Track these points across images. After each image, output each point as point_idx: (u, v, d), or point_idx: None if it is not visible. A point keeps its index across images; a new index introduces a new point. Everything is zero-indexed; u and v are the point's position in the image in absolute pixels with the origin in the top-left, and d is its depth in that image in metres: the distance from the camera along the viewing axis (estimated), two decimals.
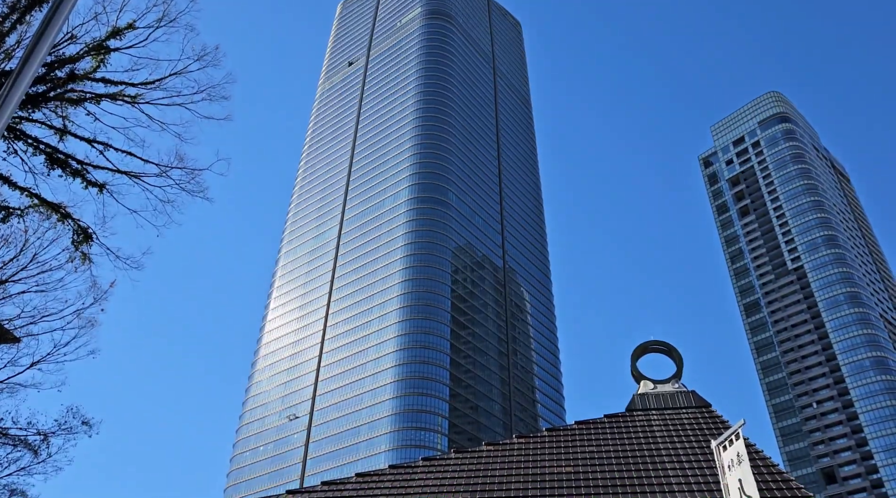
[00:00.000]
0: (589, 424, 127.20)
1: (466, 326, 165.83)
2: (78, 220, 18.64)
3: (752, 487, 15.00)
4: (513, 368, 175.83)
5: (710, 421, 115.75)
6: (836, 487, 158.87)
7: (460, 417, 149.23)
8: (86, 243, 18.68)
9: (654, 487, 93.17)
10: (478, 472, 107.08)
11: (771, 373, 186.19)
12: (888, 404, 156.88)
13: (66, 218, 18.56)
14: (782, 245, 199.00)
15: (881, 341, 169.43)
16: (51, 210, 18.47)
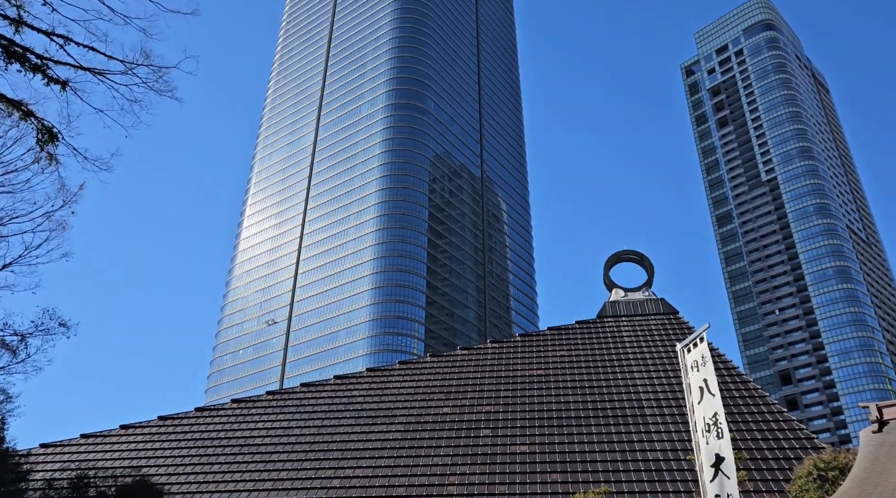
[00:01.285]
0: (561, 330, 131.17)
1: (443, 235, 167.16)
2: (42, 118, 17.99)
3: (715, 387, 15.86)
4: (488, 276, 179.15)
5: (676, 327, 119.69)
6: (790, 387, 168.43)
7: (436, 324, 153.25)
8: (51, 143, 18.12)
9: (620, 389, 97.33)
10: (452, 375, 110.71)
11: (738, 282, 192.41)
12: (846, 311, 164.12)
13: (29, 116, 17.91)
14: (758, 156, 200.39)
15: (845, 251, 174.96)
16: (12, 107, 17.78)
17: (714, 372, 16.40)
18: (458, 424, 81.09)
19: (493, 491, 68.15)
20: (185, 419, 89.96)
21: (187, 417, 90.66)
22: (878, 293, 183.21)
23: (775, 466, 65.53)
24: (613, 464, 71.08)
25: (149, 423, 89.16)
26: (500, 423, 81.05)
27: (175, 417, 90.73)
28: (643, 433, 76.20)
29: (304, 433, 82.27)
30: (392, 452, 75.97)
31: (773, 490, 50.43)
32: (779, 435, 73.13)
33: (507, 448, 75.67)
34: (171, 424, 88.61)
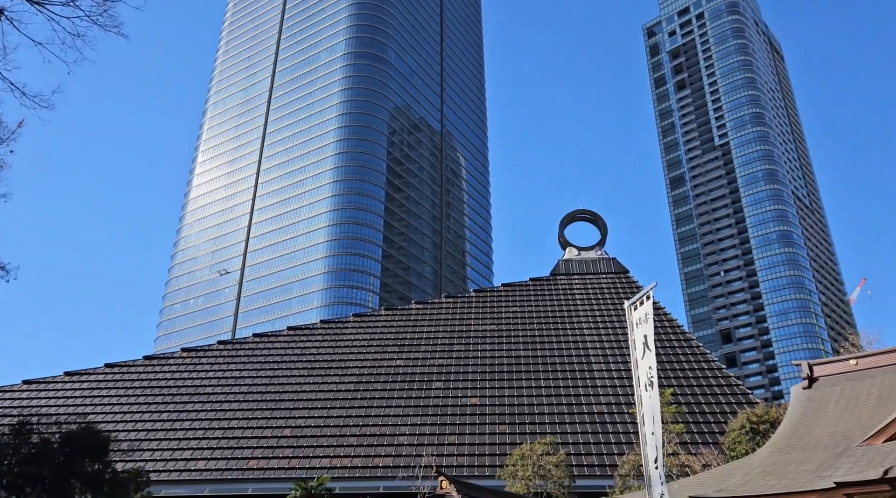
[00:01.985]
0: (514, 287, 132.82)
1: (401, 190, 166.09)
2: None
3: (652, 342, 16.45)
4: (445, 231, 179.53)
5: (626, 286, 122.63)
6: (730, 345, 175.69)
7: (392, 278, 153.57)
8: None
9: (569, 345, 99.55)
10: (407, 328, 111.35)
11: (687, 243, 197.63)
12: (787, 274, 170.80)
13: None
14: (712, 121, 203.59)
15: (789, 217, 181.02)
16: None
17: (653, 328, 16.95)
18: (410, 377, 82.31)
19: (443, 441, 69.86)
20: (133, 367, 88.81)
21: (135, 365, 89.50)
22: (817, 258, 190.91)
23: (712, 419, 68.82)
24: (560, 416, 73.54)
25: (95, 370, 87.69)
26: (452, 376, 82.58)
27: (122, 365, 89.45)
28: (590, 387, 78.81)
29: (256, 383, 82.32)
30: (344, 403, 76.82)
31: (709, 442, 53.06)
32: (717, 391, 76.60)
33: (458, 400, 77.35)
34: (118, 371, 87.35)
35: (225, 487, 62.48)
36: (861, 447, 18.05)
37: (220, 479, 64.51)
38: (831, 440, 19.69)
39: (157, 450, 69.30)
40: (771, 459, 20.21)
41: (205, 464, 66.99)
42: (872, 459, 16.24)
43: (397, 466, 60.70)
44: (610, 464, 58.59)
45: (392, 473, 59.78)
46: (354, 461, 66.08)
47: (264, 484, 62.21)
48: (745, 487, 17.57)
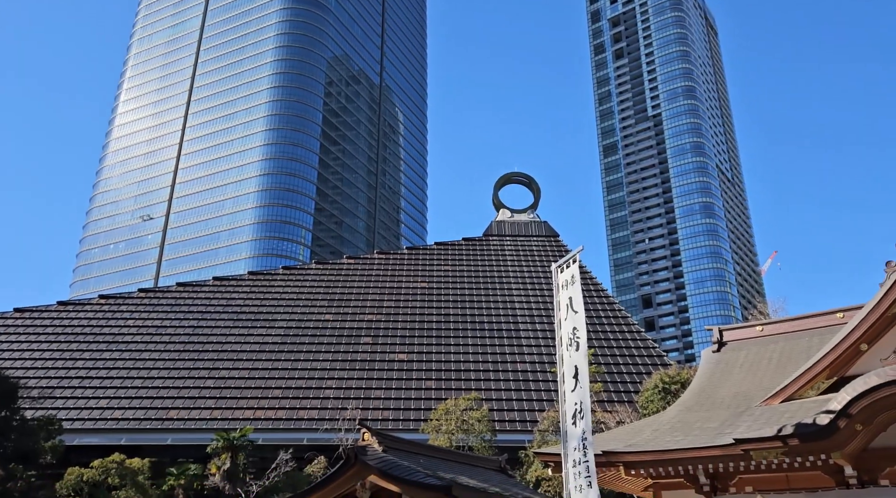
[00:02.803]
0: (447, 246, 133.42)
1: (337, 142, 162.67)
2: None
3: (579, 304, 16.88)
4: (380, 187, 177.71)
5: (556, 249, 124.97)
6: (650, 310, 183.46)
7: (324, 231, 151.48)
8: None
9: (498, 305, 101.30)
10: (337, 282, 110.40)
11: (616, 210, 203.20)
12: (706, 244, 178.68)
13: None
14: (647, 91, 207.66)
15: (712, 189, 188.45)
16: None
17: (580, 291, 17.34)
18: (339, 331, 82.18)
19: (369, 395, 70.50)
20: (46, 313, 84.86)
21: (48, 311, 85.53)
22: (735, 229, 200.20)
23: (628, 379, 72.10)
24: (485, 373, 75.36)
25: (3, 314, 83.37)
26: (381, 332, 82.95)
27: (34, 310, 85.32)
28: (515, 346, 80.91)
29: (179, 333, 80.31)
30: (270, 356, 76.14)
31: (625, 401, 55.62)
32: (634, 352, 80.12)
33: (386, 355, 77.95)
34: (29, 316, 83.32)
35: (142, 437, 61.22)
36: (760, 407, 19.27)
37: (138, 428, 63.14)
38: (734, 400, 20.92)
39: (70, 398, 67.01)
40: (679, 416, 21.33)
41: (122, 413, 65.33)
42: (769, 418, 17.37)
43: (322, 418, 60.92)
44: (531, 420, 60.68)
45: (317, 426, 59.99)
46: (279, 413, 65.93)
47: (184, 434, 61.29)
48: (653, 442, 18.52)
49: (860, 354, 18.42)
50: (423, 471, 11.31)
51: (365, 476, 11.71)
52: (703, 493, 17.50)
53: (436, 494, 10.63)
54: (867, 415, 13.98)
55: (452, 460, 14.23)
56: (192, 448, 54.11)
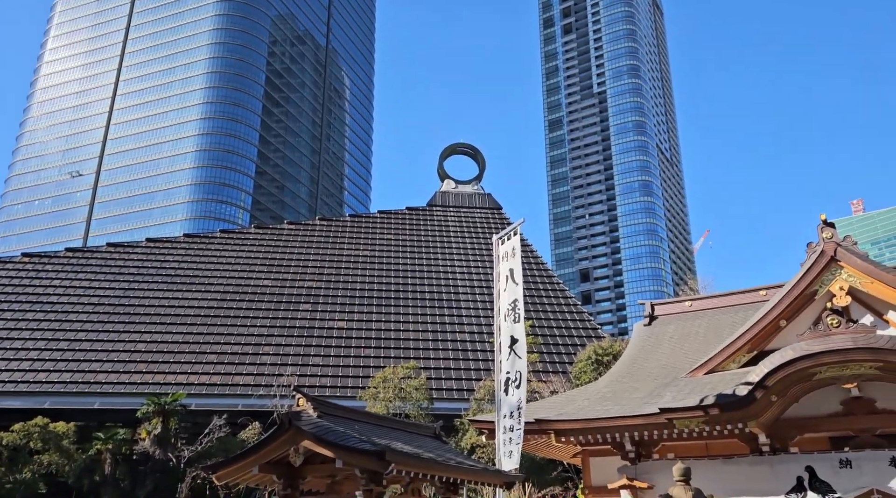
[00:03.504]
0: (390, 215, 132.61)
1: (280, 104, 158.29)
2: None
3: (519, 276, 17.18)
4: (324, 152, 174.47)
5: (499, 221, 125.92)
6: (587, 284, 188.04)
7: (265, 195, 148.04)
8: None
9: (440, 275, 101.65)
10: (277, 248, 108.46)
11: (558, 185, 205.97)
12: (643, 221, 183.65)
13: None
14: (593, 68, 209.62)
15: (651, 168, 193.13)
16: None
17: (520, 263, 17.61)
18: (278, 297, 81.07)
19: (307, 362, 70.13)
20: None
21: None
22: (671, 208, 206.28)
23: (563, 350, 74.03)
24: (424, 342, 75.97)
25: None
26: (320, 298, 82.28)
27: None
28: (455, 316, 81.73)
29: (108, 295, 77.59)
30: (206, 320, 74.55)
31: (559, 371, 57.11)
32: (570, 325, 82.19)
33: (325, 323, 77.49)
34: None
35: (68, 401, 59.22)
36: (685, 379, 20.12)
37: (64, 391, 61.01)
38: (662, 372, 21.77)
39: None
40: (609, 387, 22.07)
41: (46, 376, 62.97)
42: (693, 389, 18.17)
43: (258, 384, 60.31)
44: (468, 389, 61.68)
45: (252, 392, 59.41)
46: (213, 379, 64.88)
47: (113, 398, 59.66)
48: (583, 411, 19.12)
49: (779, 329, 19.40)
50: (357, 436, 11.35)
51: (298, 441, 11.67)
52: (628, 459, 18.24)
53: (369, 458, 10.70)
54: (782, 386, 14.79)
55: (388, 427, 14.34)
56: (121, 413, 52.76)
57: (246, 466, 12.36)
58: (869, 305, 18.83)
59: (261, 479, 12.93)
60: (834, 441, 16.23)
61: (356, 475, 11.46)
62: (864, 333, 14.18)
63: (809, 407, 15.77)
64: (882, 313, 18.69)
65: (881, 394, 15.24)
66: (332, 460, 11.30)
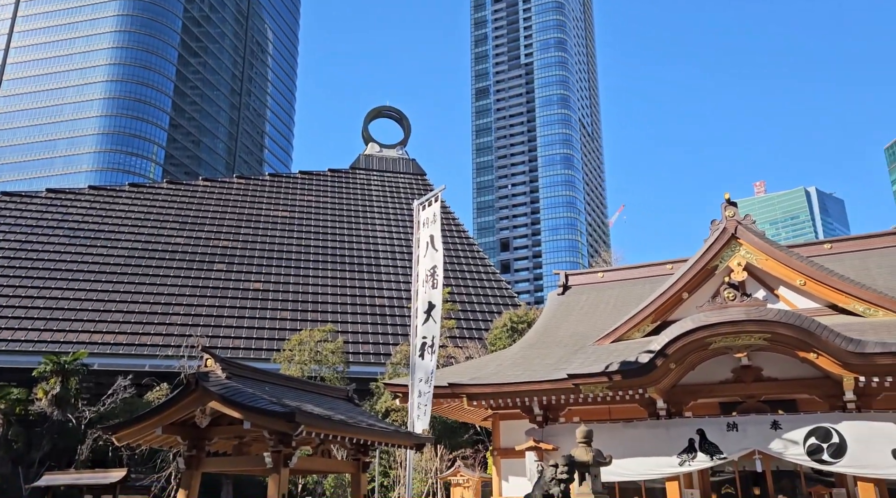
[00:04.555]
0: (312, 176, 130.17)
1: (198, 54, 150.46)
2: None
3: (439, 242, 17.26)
4: (244, 108, 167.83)
5: (422, 187, 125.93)
6: (507, 253, 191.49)
7: (179, 150, 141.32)
8: None
9: (360, 239, 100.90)
10: (191, 204, 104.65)
11: (483, 154, 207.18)
12: (563, 194, 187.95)
13: None
14: (521, 38, 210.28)
15: (573, 141, 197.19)
16: None
17: (440, 230, 17.68)
18: (191, 256, 78.24)
19: (220, 323, 68.38)
20: None
21: None
22: (590, 181, 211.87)
23: (481, 317, 75.43)
24: (343, 306, 75.53)
25: None
26: (236, 259, 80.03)
27: None
28: (374, 281, 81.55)
29: (4, 247, 72.69)
30: (112, 277, 71.17)
31: (475, 337, 58.18)
32: (489, 292, 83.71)
33: (240, 284, 75.58)
34: None
35: None
36: (593, 346, 20.95)
37: None
38: (572, 339, 22.57)
39: None
40: (521, 353, 22.70)
41: None
42: (600, 356, 18.95)
43: (167, 345, 58.32)
44: (385, 353, 62.00)
45: (160, 352, 57.45)
46: (119, 338, 62.29)
47: (7, 357, 56.26)
48: (496, 375, 19.61)
49: (682, 301, 20.46)
50: (267, 398, 11.19)
51: (205, 402, 11.39)
52: (536, 422, 18.91)
53: (279, 420, 10.58)
54: (680, 355, 15.65)
55: (299, 389, 14.21)
56: (16, 371, 49.81)
57: (149, 427, 11.99)
58: (763, 281, 20.12)
59: (164, 440, 12.58)
60: (724, 406, 17.38)
61: (265, 437, 11.33)
62: (756, 306, 15.14)
63: (703, 374, 16.79)
64: (774, 288, 20.01)
65: (767, 363, 16.40)
66: (240, 422, 11.12)
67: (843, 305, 18.52)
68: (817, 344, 14.33)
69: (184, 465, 12.32)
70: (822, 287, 18.75)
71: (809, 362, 14.86)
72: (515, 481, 19.91)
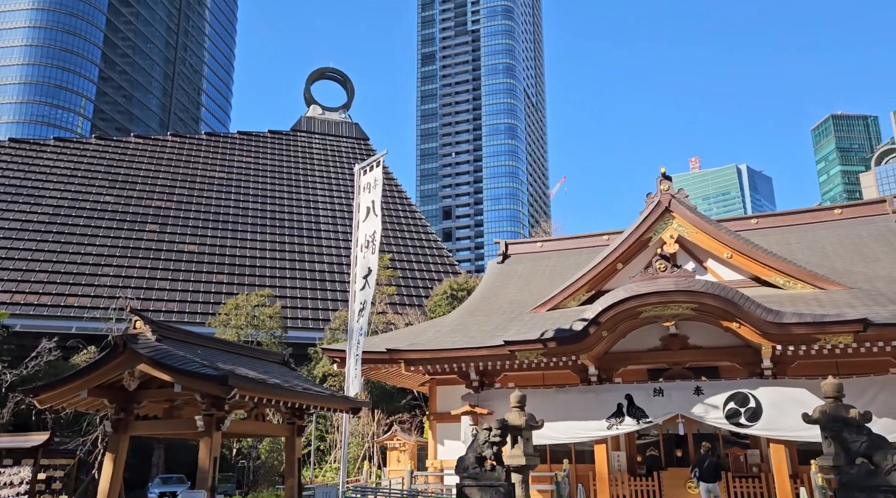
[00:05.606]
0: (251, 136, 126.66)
1: (130, 4, 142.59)
2: None
3: (379, 208, 17.14)
4: (180, 63, 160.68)
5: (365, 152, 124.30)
6: (449, 221, 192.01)
7: (109, 104, 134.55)
8: None
9: (301, 201, 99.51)
10: (122, 161, 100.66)
11: (428, 121, 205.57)
12: (506, 164, 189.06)
13: None
14: (469, 4, 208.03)
15: (517, 112, 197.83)
16: None
17: (381, 195, 17.56)
18: (121, 215, 75.25)
19: (153, 285, 66.36)
20: None
21: None
22: (533, 152, 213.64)
23: (421, 285, 75.69)
24: (282, 271, 74.38)
25: None
26: (170, 219, 77.42)
27: None
28: (315, 246, 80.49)
29: None
30: (36, 235, 67.89)
31: (416, 304, 58.48)
32: (430, 260, 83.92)
33: (174, 245, 73.29)
34: None
35: None
36: (530, 314, 21.36)
37: None
38: (510, 307, 22.94)
39: None
40: (460, 320, 22.96)
41: None
42: (536, 324, 19.35)
43: (95, 307, 56.29)
44: (324, 318, 61.58)
45: (88, 314, 55.41)
46: (43, 299, 59.68)
47: None
48: (434, 341, 19.79)
49: (616, 272, 21.03)
50: (199, 361, 10.96)
51: (134, 365, 11.08)
52: (472, 388, 19.25)
53: (211, 383, 10.40)
54: (612, 323, 16.14)
55: (234, 352, 13.99)
56: None
57: (73, 390, 11.59)
58: (693, 253, 20.87)
59: (91, 404, 12.20)
60: (651, 373, 18.10)
61: (197, 400, 11.13)
62: (685, 277, 15.71)
63: (633, 342, 17.40)
64: (703, 261, 20.79)
65: (693, 332, 17.12)
66: (171, 385, 10.87)
67: (765, 278, 19.44)
68: (740, 314, 15.01)
69: (111, 428, 12.01)
70: (747, 260, 19.61)
71: (732, 331, 15.58)
72: (450, 445, 20.30)
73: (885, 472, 7.56)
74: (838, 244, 22.05)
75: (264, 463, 36.19)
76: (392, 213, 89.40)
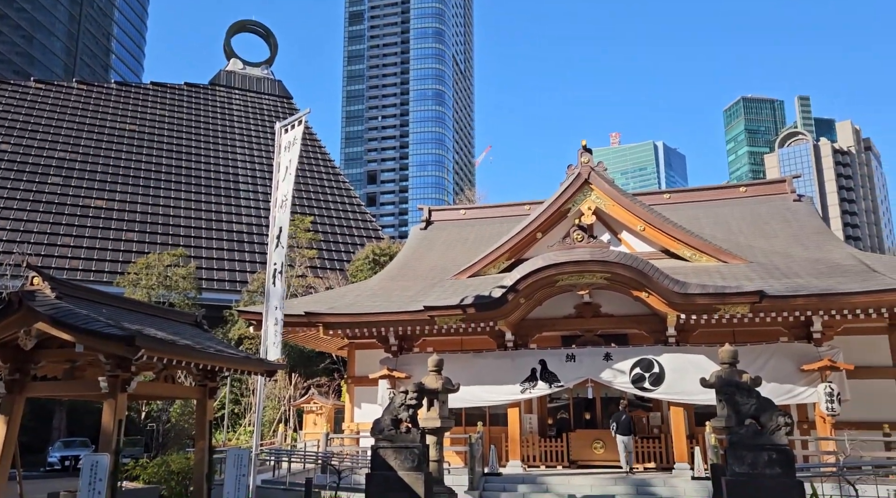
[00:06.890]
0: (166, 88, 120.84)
1: None
2: None
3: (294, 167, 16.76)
4: (87, 4, 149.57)
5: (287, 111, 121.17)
6: (374, 186, 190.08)
7: (6, 44, 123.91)
8: None
9: (218, 159, 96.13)
10: (21, 108, 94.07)
11: (354, 83, 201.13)
12: (432, 130, 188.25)
13: None
14: None
15: (445, 78, 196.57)
16: None
17: (299, 154, 17.16)
18: (20, 166, 70.28)
19: (55, 242, 62.74)
20: None
21: None
22: (460, 120, 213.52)
23: (343, 249, 74.91)
24: (197, 230, 71.75)
25: None
26: (75, 172, 72.95)
27: None
28: (233, 206, 77.93)
29: None
30: None
31: (337, 269, 57.86)
32: (353, 224, 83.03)
33: (79, 200, 69.25)
34: None
35: None
36: (451, 280, 21.57)
37: None
38: (431, 273, 23.07)
39: None
40: (381, 284, 22.92)
41: None
42: (456, 290, 19.57)
43: None
44: (241, 280, 60.03)
45: None
46: None
47: None
48: (354, 305, 19.69)
49: (536, 241, 21.48)
50: (103, 320, 10.45)
51: (31, 323, 10.43)
52: (390, 351, 19.34)
53: (116, 344, 9.95)
54: (530, 290, 16.52)
55: (142, 312, 13.40)
56: None
57: None
58: (609, 225, 21.56)
59: None
60: (565, 339, 18.72)
61: (101, 361, 10.62)
62: (600, 248, 16.23)
63: (549, 310, 17.90)
64: (618, 232, 21.53)
65: (606, 300, 17.77)
66: (72, 345, 10.31)
67: (674, 250, 20.36)
68: (650, 284, 15.68)
69: (4, 389, 11.33)
70: (658, 233, 20.45)
71: (641, 301, 16.27)
72: (368, 408, 20.41)
73: (770, 431, 8.15)
74: (742, 220, 23.33)
75: (174, 426, 35.31)
76: (315, 175, 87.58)
